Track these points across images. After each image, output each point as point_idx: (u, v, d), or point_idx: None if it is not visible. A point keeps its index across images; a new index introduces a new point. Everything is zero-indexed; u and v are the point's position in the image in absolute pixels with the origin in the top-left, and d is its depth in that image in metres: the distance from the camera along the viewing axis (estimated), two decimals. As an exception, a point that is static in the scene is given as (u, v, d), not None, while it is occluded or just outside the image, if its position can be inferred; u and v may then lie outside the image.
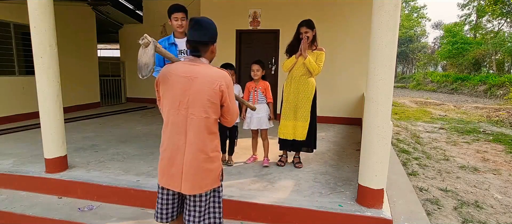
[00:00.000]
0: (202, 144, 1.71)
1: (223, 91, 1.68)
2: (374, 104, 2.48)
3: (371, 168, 2.57)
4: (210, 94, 1.66)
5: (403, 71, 46.69)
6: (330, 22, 6.55)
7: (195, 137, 1.70)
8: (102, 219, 2.77)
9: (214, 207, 1.88)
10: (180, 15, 3.06)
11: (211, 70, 1.71)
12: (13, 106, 6.35)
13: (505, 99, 15.59)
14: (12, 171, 3.42)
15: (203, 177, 1.75)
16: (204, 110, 1.68)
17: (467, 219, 3.15)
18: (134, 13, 10.28)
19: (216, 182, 1.82)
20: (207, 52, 1.77)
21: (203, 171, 1.74)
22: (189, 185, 1.73)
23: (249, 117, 3.74)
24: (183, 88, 1.66)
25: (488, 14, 24.23)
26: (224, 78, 1.70)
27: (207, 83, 1.66)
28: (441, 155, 5.58)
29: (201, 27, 1.73)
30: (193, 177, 1.72)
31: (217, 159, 1.81)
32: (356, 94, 6.70)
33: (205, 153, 1.72)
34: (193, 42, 1.73)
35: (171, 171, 1.74)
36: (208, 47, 1.76)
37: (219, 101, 1.70)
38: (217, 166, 1.81)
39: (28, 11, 3.11)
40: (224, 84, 1.68)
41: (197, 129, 1.69)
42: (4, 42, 6.16)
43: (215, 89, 1.66)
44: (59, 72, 3.31)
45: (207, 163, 1.74)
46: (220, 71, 1.73)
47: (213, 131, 1.75)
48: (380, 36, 2.39)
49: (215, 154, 1.79)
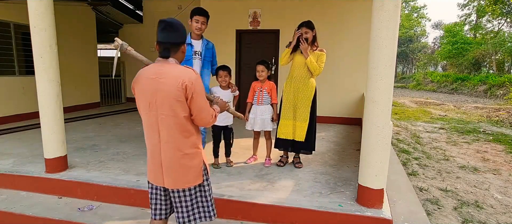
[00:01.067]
0: (176, 142, 1.76)
1: (187, 87, 1.69)
2: (374, 104, 2.48)
3: (371, 168, 2.57)
4: (175, 92, 1.69)
5: (403, 71, 46.68)
6: (330, 22, 6.55)
7: (168, 136, 1.76)
8: (102, 219, 2.77)
9: (202, 202, 1.92)
10: (202, 19, 3.27)
11: (177, 69, 1.75)
12: (13, 106, 6.35)
13: (505, 99, 15.59)
14: (12, 171, 3.42)
15: (183, 173, 1.80)
16: (171, 109, 1.72)
17: (467, 219, 3.15)
18: (134, 13, 10.28)
19: (199, 178, 1.85)
20: (177, 52, 1.82)
21: (181, 167, 1.79)
22: (171, 180, 1.80)
23: (252, 117, 3.71)
24: (151, 89, 1.72)
25: (488, 14, 24.23)
26: (188, 75, 1.72)
27: (171, 82, 1.69)
28: (441, 155, 5.58)
29: (173, 29, 1.77)
30: (173, 173, 1.80)
31: (197, 156, 1.84)
32: (356, 94, 6.70)
33: (181, 151, 1.78)
34: (166, 43, 1.76)
35: (154, 167, 1.84)
36: (179, 47, 1.82)
37: (185, 98, 1.71)
38: (197, 163, 1.84)
39: (28, 11, 3.11)
40: (187, 81, 1.69)
41: (168, 128, 1.74)
42: (4, 42, 6.16)
43: (179, 87, 1.68)
44: (59, 72, 3.31)
45: (185, 159, 1.79)
46: (186, 69, 1.76)
47: (186, 129, 1.77)
48: (380, 36, 2.39)
49: (193, 151, 1.81)
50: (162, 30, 1.76)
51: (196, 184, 1.85)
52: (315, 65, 3.46)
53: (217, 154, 3.67)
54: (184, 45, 1.85)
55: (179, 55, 1.84)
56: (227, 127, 3.63)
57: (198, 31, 3.31)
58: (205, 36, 3.61)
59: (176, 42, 1.79)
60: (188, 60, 3.32)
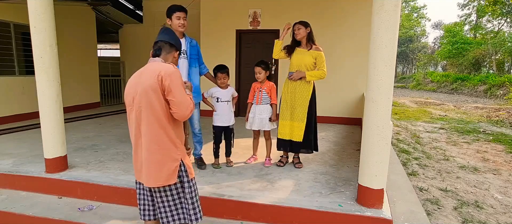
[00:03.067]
0: (153, 136, 1.79)
1: (163, 78, 1.74)
2: (374, 104, 2.48)
3: (371, 168, 2.57)
4: (151, 84, 1.75)
5: (403, 71, 46.69)
6: (330, 22, 6.56)
7: (146, 129, 1.80)
8: (102, 219, 2.77)
9: (184, 203, 1.90)
10: (183, 15, 3.15)
11: (157, 64, 1.83)
12: (13, 107, 6.35)
13: (505, 99, 15.59)
14: (12, 171, 3.42)
15: (158, 169, 1.80)
16: (148, 101, 1.76)
17: (467, 219, 3.15)
18: (134, 13, 10.28)
19: (173, 177, 1.83)
20: (168, 54, 1.94)
21: (156, 162, 1.80)
22: (148, 176, 1.82)
23: (251, 117, 3.72)
24: (134, 85, 1.82)
25: (488, 14, 24.20)
26: (165, 68, 1.78)
27: (150, 75, 1.77)
28: (441, 155, 5.58)
29: (170, 32, 1.99)
30: (148, 169, 1.81)
31: (173, 153, 1.83)
32: (356, 94, 6.70)
33: (157, 145, 1.80)
34: (161, 41, 1.93)
35: (136, 164, 1.88)
36: (171, 49, 1.95)
37: (161, 90, 1.76)
38: (174, 161, 1.83)
39: (28, 11, 3.11)
40: (163, 73, 1.75)
41: (147, 121, 1.79)
42: (4, 42, 6.16)
43: (155, 78, 1.74)
44: (59, 72, 3.31)
45: (160, 154, 1.80)
46: (165, 64, 1.83)
47: (164, 124, 1.80)
48: (380, 36, 2.39)
49: (168, 147, 1.82)
50: (160, 33, 1.94)
51: (171, 183, 1.83)
52: (317, 74, 3.47)
53: (217, 154, 3.67)
54: (177, 52, 1.98)
55: (170, 59, 1.94)
56: (228, 127, 3.63)
57: (182, 28, 3.16)
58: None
59: (171, 42, 1.93)
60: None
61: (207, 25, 7.25)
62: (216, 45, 7.22)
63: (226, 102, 3.56)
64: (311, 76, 3.47)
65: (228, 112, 3.58)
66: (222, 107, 3.55)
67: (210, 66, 3.75)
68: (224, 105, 3.55)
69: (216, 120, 3.59)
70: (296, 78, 3.49)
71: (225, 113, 3.56)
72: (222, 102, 3.55)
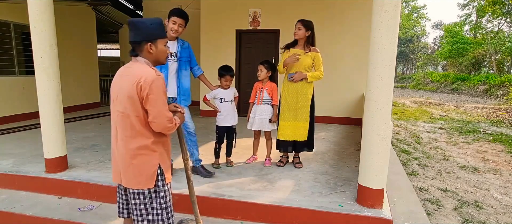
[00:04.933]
0: (126, 141, 1.76)
1: (142, 87, 1.65)
2: (374, 104, 2.48)
3: (371, 168, 2.57)
4: (129, 90, 1.68)
5: (403, 71, 46.69)
6: (330, 22, 6.55)
7: (121, 133, 1.77)
8: (102, 219, 2.77)
9: (156, 208, 1.85)
10: (179, 21, 3.02)
11: (140, 68, 1.73)
12: (13, 106, 6.34)
13: (505, 99, 15.59)
14: (12, 171, 3.42)
15: (133, 174, 1.78)
16: (124, 107, 1.71)
17: (467, 219, 3.15)
18: (134, 13, 10.29)
19: (150, 182, 1.79)
20: (143, 51, 1.78)
21: (131, 167, 1.77)
22: (124, 178, 1.80)
23: (252, 117, 3.73)
24: (117, 86, 1.76)
25: (488, 14, 24.19)
26: (146, 75, 1.67)
27: (129, 80, 1.69)
28: (441, 155, 5.58)
29: (133, 28, 1.76)
30: (125, 172, 1.79)
31: (149, 158, 1.78)
32: (356, 94, 6.70)
33: (131, 150, 1.76)
34: (130, 42, 1.79)
35: (113, 163, 1.86)
36: (142, 46, 1.76)
37: (138, 98, 1.67)
38: (150, 166, 1.78)
39: (28, 11, 3.11)
40: (143, 81, 1.65)
41: (122, 125, 1.75)
42: (4, 42, 6.16)
43: (133, 85, 1.66)
44: (59, 72, 3.31)
45: (135, 159, 1.76)
46: (148, 70, 1.72)
47: (137, 130, 1.73)
48: (380, 36, 2.39)
49: (144, 152, 1.76)
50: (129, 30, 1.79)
51: (146, 188, 1.79)
52: (316, 75, 3.50)
53: (218, 154, 3.67)
54: (148, 45, 1.76)
55: (147, 55, 1.78)
56: (231, 127, 3.63)
57: (174, 33, 3.06)
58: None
59: (136, 41, 1.76)
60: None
61: (207, 25, 7.25)
62: (216, 45, 7.22)
63: (230, 102, 3.56)
64: (312, 78, 3.49)
65: (232, 111, 3.59)
66: (226, 108, 3.55)
67: (210, 66, 3.75)
68: (228, 105, 3.55)
69: (220, 120, 3.58)
70: (297, 79, 3.49)
71: (229, 112, 3.56)
72: (226, 102, 3.55)
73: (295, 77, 3.48)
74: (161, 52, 1.83)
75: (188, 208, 2.59)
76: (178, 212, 2.87)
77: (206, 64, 6.79)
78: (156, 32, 1.78)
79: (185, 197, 2.75)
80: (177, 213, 2.86)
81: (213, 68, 3.90)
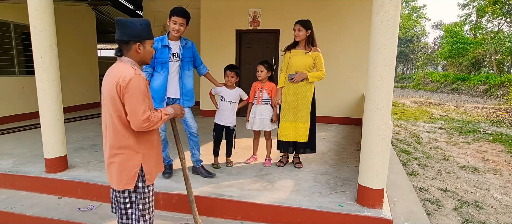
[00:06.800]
0: (111, 139, 1.79)
1: (120, 86, 1.66)
2: (374, 104, 2.48)
3: (371, 168, 2.57)
4: (110, 90, 1.71)
5: (403, 71, 46.68)
6: (330, 22, 6.55)
7: (107, 132, 1.81)
8: (102, 219, 2.77)
9: (134, 209, 1.89)
10: (180, 20, 2.98)
11: (120, 68, 1.74)
12: (13, 106, 6.34)
13: (505, 99, 15.59)
14: (12, 171, 3.42)
15: (115, 173, 1.80)
16: (107, 107, 1.75)
17: (467, 219, 3.15)
18: (134, 13, 10.29)
19: (130, 183, 1.80)
20: (130, 51, 1.77)
21: (111, 165, 1.81)
22: (108, 177, 1.86)
23: (252, 117, 3.73)
24: (103, 87, 1.79)
25: (488, 14, 24.22)
26: (124, 74, 1.68)
27: (110, 80, 1.71)
28: (441, 155, 5.58)
29: (120, 26, 1.75)
30: (110, 170, 1.83)
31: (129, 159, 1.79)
32: (356, 94, 6.70)
33: (114, 148, 1.79)
34: (116, 41, 1.79)
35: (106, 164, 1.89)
36: (129, 46, 1.76)
37: (118, 98, 1.69)
38: (130, 166, 1.80)
39: (28, 11, 3.11)
40: (121, 80, 1.66)
41: (108, 124, 1.79)
42: (4, 42, 6.16)
43: (113, 85, 1.68)
44: (59, 72, 3.31)
45: (116, 158, 1.79)
46: (127, 69, 1.71)
47: (118, 130, 1.75)
48: (380, 36, 2.39)
49: (124, 152, 1.78)
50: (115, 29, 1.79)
51: (127, 188, 1.81)
52: (317, 75, 3.48)
53: (217, 153, 3.67)
54: (137, 44, 1.76)
55: (134, 55, 1.78)
56: (229, 128, 3.63)
57: (176, 33, 3.01)
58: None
59: (123, 40, 1.75)
60: (164, 63, 3.05)
61: (207, 25, 7.24)
62: (216, 45, 7.22)
63: (229, 103, 3.55)
64: (312, 77, 3.47)
65: (229, 112, 3.57)
66: (223, 107, 3.55)
67: (209, 66, 3.73)
68: (226, 105, 3.55)
69: (217, 117, 3.61)
70: (298, 80, 3.48)
71: (225, 112, 3.55)
72: (225, 101, 3.55)
73: (295, 78, 3.48)
74: (148, 53, 1.84)
75: (188, 208, 2.59)
76: (178, 212, 2.88)
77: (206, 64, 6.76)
78: (144, 33, 1.79)
79: (185, 197, 2.75)
80: (177, 213, 2.87)
81: (213, 68, 3.91)
